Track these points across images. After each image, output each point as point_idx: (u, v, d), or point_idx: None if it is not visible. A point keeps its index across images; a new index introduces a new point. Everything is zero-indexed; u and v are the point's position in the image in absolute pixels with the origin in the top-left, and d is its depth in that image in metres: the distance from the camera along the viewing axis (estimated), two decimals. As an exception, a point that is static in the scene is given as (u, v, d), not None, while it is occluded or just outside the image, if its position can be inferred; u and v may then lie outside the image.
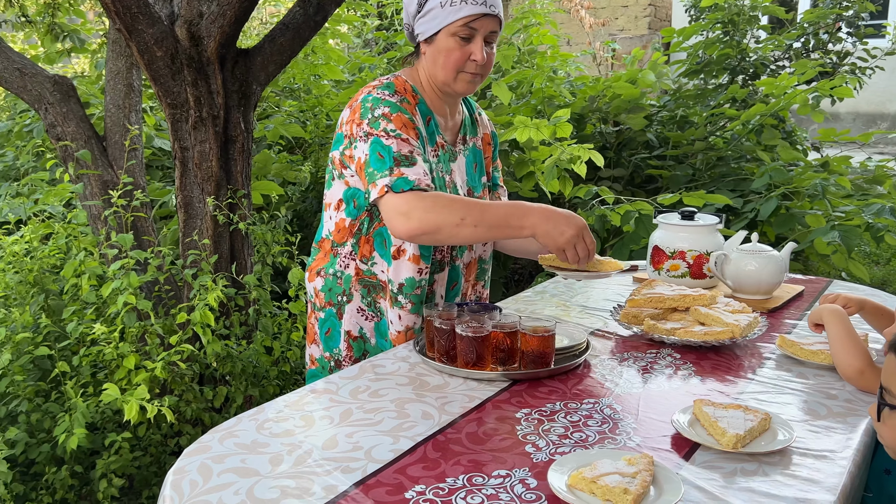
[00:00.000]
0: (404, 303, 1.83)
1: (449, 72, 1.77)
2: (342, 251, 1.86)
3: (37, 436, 2.18)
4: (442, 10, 1.72)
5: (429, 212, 1.64)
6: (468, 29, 1.73)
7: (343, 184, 1.82)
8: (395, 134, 1.70)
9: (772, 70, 5.30)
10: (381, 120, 1.71)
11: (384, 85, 1.79)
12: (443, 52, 1.75)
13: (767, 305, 2.03)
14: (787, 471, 1.20)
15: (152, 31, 2.43)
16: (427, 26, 1.76)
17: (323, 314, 1.90)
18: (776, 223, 3.59)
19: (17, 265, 2.51)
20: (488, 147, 2.05)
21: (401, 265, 1.80)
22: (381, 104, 1.73)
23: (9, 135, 4.74)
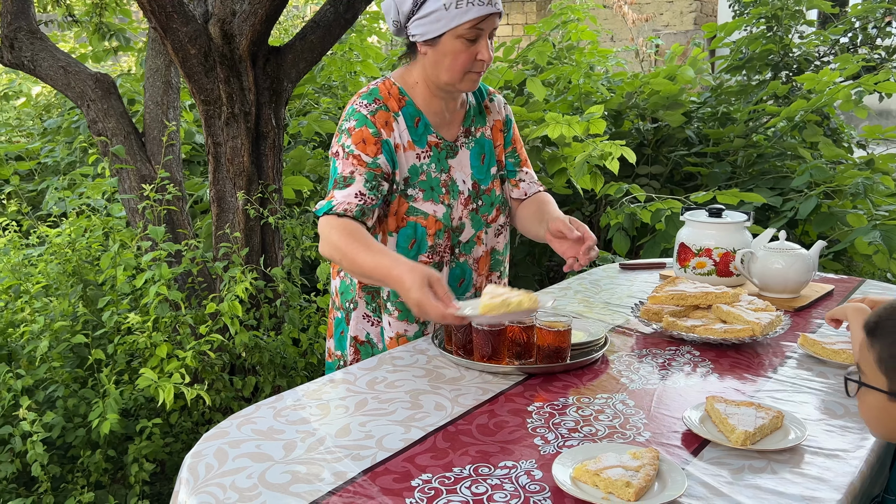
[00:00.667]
0: (392, 310, 1.84)
1: (456, 74, 1.73)
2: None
3: (73, 420, 2.26)
4: (447, 13, 1.66)
5: (324, 242, 1.71)
6: (475, 30, 1.69)
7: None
8: (348, 151, 1.73)
9: (816, 66, 5.17)
10: (343, 135, 1.75)
11: (368, 92, 1.79)
12: (449, 54, 1.71)
13: (794, 304, 1.99)
14: (797, 469, 1.19)
15: (186, 30, 2.50)
16: (428, 28, 1.69)
17: (340, 314, 1.93)
18: (816, 222, 3.51)
19: (60, 256, 2.60)
20: (500, 134, 1.96)
21: None
22: (352, 117, 1.76)
23: (58, 131, 4.91)
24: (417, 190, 1.79)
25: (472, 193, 1.87)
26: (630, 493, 1.07)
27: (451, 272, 1.87)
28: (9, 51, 3.00)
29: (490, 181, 1.92)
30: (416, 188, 1.79)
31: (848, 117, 6.87)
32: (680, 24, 11.66)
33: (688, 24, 11.69)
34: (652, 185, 4.20)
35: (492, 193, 1.91)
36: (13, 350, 2.37)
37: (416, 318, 1.79)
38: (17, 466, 2.16)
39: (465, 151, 1.89)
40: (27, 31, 2.99)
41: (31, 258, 2.71)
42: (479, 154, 1.91)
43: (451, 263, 1.87)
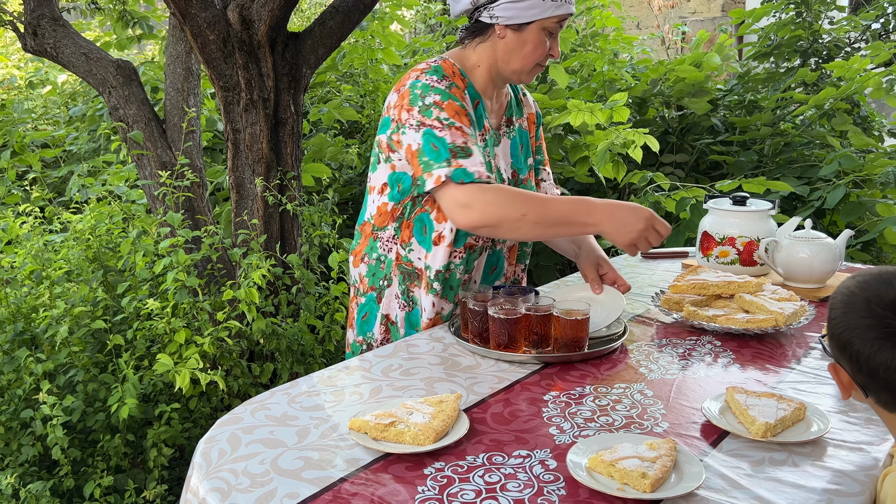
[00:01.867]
0: (438, 289, 1.82)
1: (528, 63, 1.76)
2: (383, 235, 1.85)
3: (93, 405, 2.28)
4: (542, 3, 1.69)
5: (490, 205, 1.63)
6: (557, 26, 1.74)
7: (389, 167, 1.80)
8: (449, 123, 1.68)
9: (846, 53, 5.06)
10: (433, 108, 1.68)
11: (432, 69, 1.75)
12: (530, 43, 1.73)
13: (819, 294, 1.95)
14: (819, 462, 1.16)
15: (205, 15, 2.49)
16: (519, 13, 1.70)
17: (364, 299, 1.90)
18: (844, 211, 3.44)
19: (81, 243, 2.62)
20: (533, 126, 2.02)
21: (439, 251, 1.79)
22: (430, 91, 1.70)
23: (83, 119, 4.95)
24: None
25: (511, 182, 1.90)
26: (646, 485, 1.05)
27: (487, 258, 1.89)
28: (32, 38, 3.01)
29: (527, 171, 1.95)
30: None
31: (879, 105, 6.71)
32: (707, 11, 11.48)
33: (715, 11, 11.50)
34: (676, 173, 4.14)
35: (528, 184, 1.94)
36: (35, 335, 2.39)
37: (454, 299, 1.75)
38: (39, 450, 2.18)
39: (507, 141, 1.91)
40: (50, 19, 3.01)
41: (54, 244, 2.73)
42: (517, 144, 1.94)
43: (489, 250, 1.89)
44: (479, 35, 1.78)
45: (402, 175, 1.78)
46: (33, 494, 2.04)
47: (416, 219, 1.80)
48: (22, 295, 2.50)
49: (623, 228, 1.62)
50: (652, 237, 1.63)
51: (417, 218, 1.80)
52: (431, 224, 1.79)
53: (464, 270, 1.84)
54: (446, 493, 1.08)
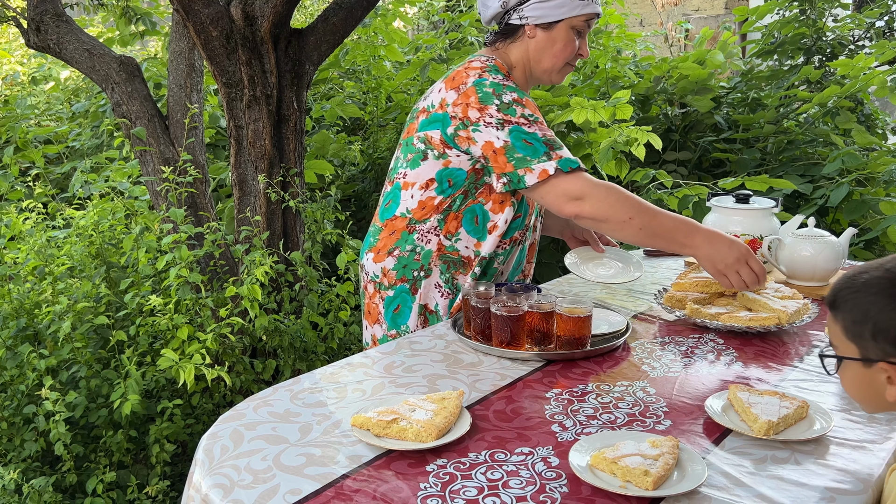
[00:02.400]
0: (477, 273, 1.87)
1: (559, 62, 1.82)
2: (422, 227, 1.84)
3: (96, 400, 2.29)
4: (571, 2, 1.76)
5: (602, 200, 1.67)
6: (586, 25, 1.80)
7: (441, 164, 1.80)
8: (533, 119, 1.72)
9: (850, 50, 5.05)
10: (515, 106, 1.72)
11: (491, 68, 1.79)
12: (560, 41, 1.79)
13: (822, 292, 1.94)
14: (821, 460, 1.16)
15: (208, 12, 2.49)
16: (548, 12, 1.77)
17: (392, 292, 1.88)
18: (847, 210, 3.43)
19: (84, 239, 2.62)
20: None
21: (491, 239, 1.84)
22: (504, 89, 1.74)
23: (85, 115, 4.95)
24: None
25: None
26: (648, 482, 1.05)
27: (519, 254, 1.94)
28: (35, 34, 3.01)
29: None
30: None
31: (882, 103, 6.70)
32: (710, 8, 11.46)
33: (718, 9, 11.48)
34: (679, 171, 4.14)
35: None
36: (38, 330, 2.40)
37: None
38: (42, 445, 2.19)
39: None
40: (53, 14, 3.01)
41: (57, 240, 2.74)
42: None
43: (521, 245, 1.94)
44: (510, 37, 1.85)
45: (456, 171, 1.80)
46: (36, 490, 2.04)
47: (467, 210, 1.83)
48: (25, 291, 2.50)
49: (718, 256, 1.67)
50: (744, 272, 1.66)
51: (469, 209, 1.83)
52: (486, 214, 1.83)
53: (502, 261, 1.89)
54: (448, 489, 1.08)
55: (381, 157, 4.15)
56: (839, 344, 1.11)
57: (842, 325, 1.08)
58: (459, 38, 5.14)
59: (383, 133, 4.40)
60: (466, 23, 5.08)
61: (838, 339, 1.11)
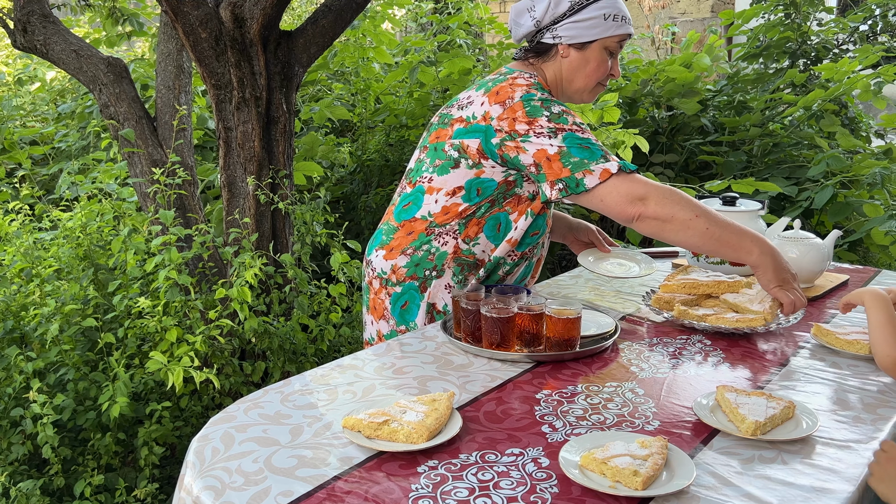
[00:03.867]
0: (482, 275, 1.89)
1: (591, 81, 1.84)
2: (442, 230, 1.86)
3: (84, 403, 2.27)
4: (604, 23, 1.78)
5: (667, 199, 1.65)
6: (619, 46, 1.82)
7: (472, 173, 1.81)
8: (586, 126, 1.75)
9: (835, 54, 5.10)
10: (566, 115, 1.74)
11: (536, 84, 1.80)
12: (593, 61, 1.82)
13: (808, 294, 1.97)
14: (808, 459, 1.17)
15: (197, 13, 2.49)
16: (582, 32, 1.79)
17: (399, 288, 1.89)
18: (832, 212, 3.47)
19: (71, 240, 2.61)
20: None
21: (503, 245, 1.87)
22: (552, 103, 1.76)
23: (72, 116, 4.92)
24: None
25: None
26: (638, 482, 1.06)
27: (525, 268, 1.95)
28: (21, 34, 3.00)
29: None
30: None
31: (866, 106, 6.77)
32: (697, 12, 11.53)
33: (705, 12, 11.55)
34: (666, 173, 4.17)
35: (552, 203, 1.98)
36: (25, 333, 2.38)
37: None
38: (29, 448, 2.18)
39: None
40: (40, 15, 2.99)
41: (44, 242, 2.72)
42: None
43: (530, 259, 1.96)
44: (543, 55, 1.87)
45: (487, 181, 1.82)
46: (24, 493, 2.03)
47: (491, 217, 1.85)
48: (11, 293, 2.48)
49: (778, 268, 1.65)
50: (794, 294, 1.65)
51: (493, 216, 1.85)
52: (509, 224, 1.85)
53: (507, 271, 1.91)
54: (440, 490, 1.09)
55: (370, 158, 4.15)
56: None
57: None
58: (448, 41, 5.15)
59: (372, 135, 4.40)
60: (455, 25, 5.09)
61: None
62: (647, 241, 3.81)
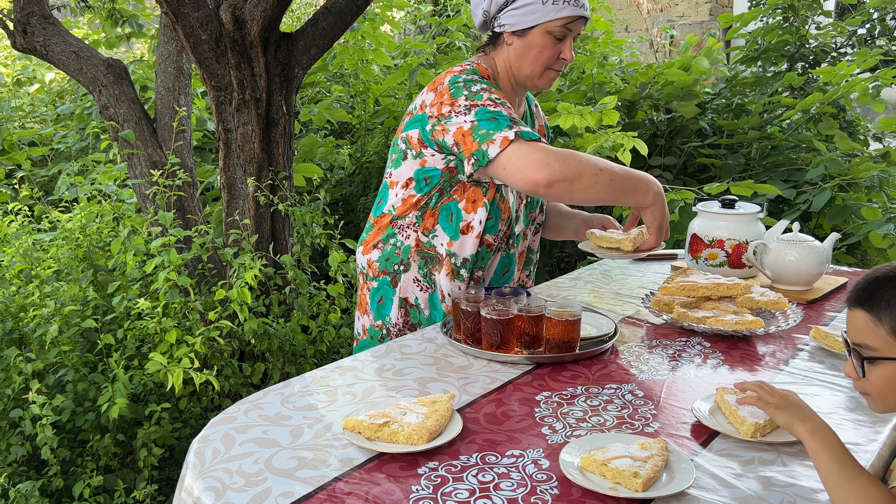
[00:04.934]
0: (465, 276, 1.87)
1: (537, 67, 1.81)
2: (403, 223, 1.89)
3: (83, 404, 2.27)
4: (542, 7, 1.74)
5: (569, 158, 1.66)
6: (564, 29, 1.77)
7: (418, 163, 1.85)
8: (501, 102, 1.74)
9: (833, 57, 5.11)
10: (483, 92, 1.75)
11: (470, 70, 1.82)
12: (535, 47, 1.78)
13: (807, 297, 1.97)
14: (807, 461, 1.17)
15: (197, 15, 2.49)
16: (522, 19, 1.77)
17: (376, 283, 1.93)
18: (830, 215, 3.48)
19: (71, 242, 2.61)
20: (544, 138, 2.06)
21: (468, 240, 1.84)
22: (474, 82, 1.77)
23: (71, 117, 4.92)
24: None
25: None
26: (638, 484, 1.06)
27: (500, 261, 1.93)
28: (21, 36, 3.00)
29: None
30: None
31: (864, 109, 6.78)
32: (695, 15, 11.56)
33: (703, 15, 11.58)
34: (665, 176, 4.17)
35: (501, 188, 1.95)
36: (24, 334, 2.38)
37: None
38: (28, 449, 2.18)
39: None
40: (40, 17, 2.99)
41: (43, 243, 2.72)
42: None
43: (503, 252, 1.93)
44: (494, 46, 1.87)
45: (432, 170, 1.84)
46: (23, 494, 2.03)
47: (443, 207, 1.85)
48: (11, 294, 2.48)
49: (664, 211, 1.76)
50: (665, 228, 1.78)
51: (444, 207, 1.85)
52: (460, 213, 1.84)
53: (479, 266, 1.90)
54: (440, 492, 1.09)
55: (369, 160, 4.16)
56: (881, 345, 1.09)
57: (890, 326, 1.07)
58: (447, 43, 5.16)
59: (371, 137, 4.41)
60: (454, 27, 5.10)
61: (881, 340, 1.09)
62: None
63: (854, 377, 1.14)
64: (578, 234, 2.07)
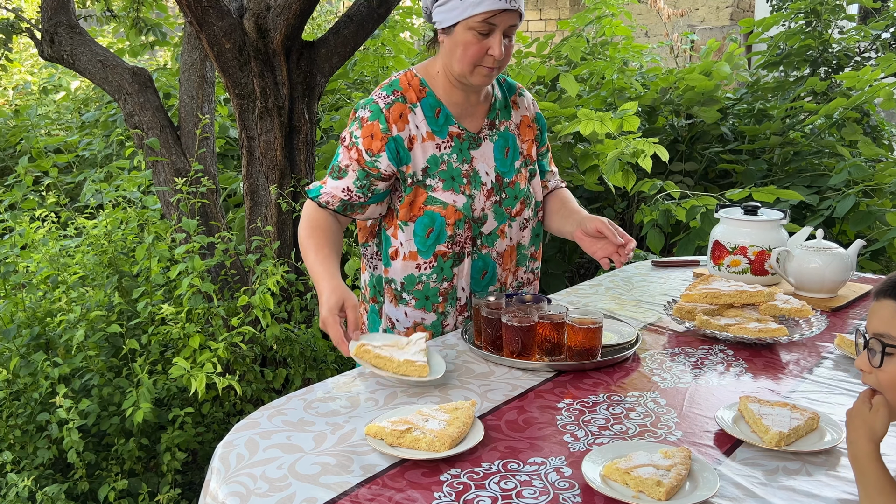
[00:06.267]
0: (408, 299, 1.85)
1: (465, 65, 1.73)
2: (366, 252, 1.95)
3: (108, 408, 2.30)
4: (461, 3, 1.66)
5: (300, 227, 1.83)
6: (487, 25, 1.67)
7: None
8: (353, 142, 1.77)
9: (856, 62, 5.06)
10: (356, 123, 1.79)
11: (388, 84, 1.83)
12: (460, 45, 1.71)
13: (831, 304, 1.96)
14: (833, 472, 1.17)
15: (221, 24, 2.52)
16: (445, 16, 1.70)
17: (370, 306, 1.97)
18: (853, 221, 3.44)
19: (96, 248, 2.65)
20: (528, 129, 1.96)
21: (397, 265, 1.84)
22: (368, 107, 1.78)
23: (95, 124, 4.99)
24: (437, 180, 1.79)
25: (496, 185, 1.86)
26: (661, 493, 1.06)
27: (472, 264, 1.87)
28: (49, 45, 3.05)
29: (514, 174, 1.90)
30: (436, 178, 1.79)
31: (889, 115, 6.71)
32: (716, 20, 11.49)
33: (724, 20, 11.51)
34: (686, 182, 4.15)
35: (515, 186, 1.89)
36: (51, 339, 2.42)
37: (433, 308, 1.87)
38: (54, 453, 2.21)
39: (489, 143, 1.88)
40: (67, 26, 3.04)
41: (69, 249, 2.76)
42: (502, 147, 1.89)
43: (473, 255, 1.87)
44: (435, 44, 1.83)
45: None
46: (49, 497, 2.06)
47: (383, 237, 1.87)
48: (38, 299, 2.52)
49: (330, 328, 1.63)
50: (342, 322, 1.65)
51: (381, 234, 1.88)
52: (389, 240, 1.84)
53: (438, 279, 1.84)
54: (462, 498, 1.10)
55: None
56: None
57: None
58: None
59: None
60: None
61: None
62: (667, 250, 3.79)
63: (867, 370, 1.11)
64: (574, 235, 1.91)
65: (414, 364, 1.48)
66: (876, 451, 1.05)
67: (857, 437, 1.07)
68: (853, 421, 1.08)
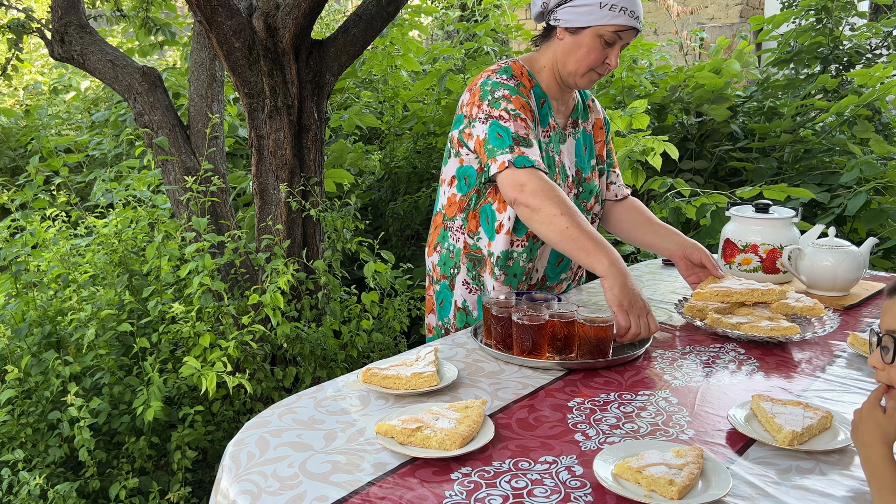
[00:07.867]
0: (498, 274, 1.93)
1: (582, 67, 1.85)
2: (452, 225, 1.98)
3: (118, 407, 2.31)
4: (599, 10, 1.78)
5: (540, 192, 1.72)
6: (615, 36, 1.81)
7: (458, 161, 1.95)
8: (514, 114, 1.81)
9: (868, 59, 5.02)
10: (502, 101, 1.82)
11: (502, 69, 1.90)
12: (584, 47, 1.83)
13: (843, 302, 1.94)
14: (846, 471, 1.16)
15: (231, 23, 2.52)
16: (576, 17, 1.81)
17: (438, 286, 2.03)
18: (865, 218, 3.42)
19: (107, 247, 2.66)
20: (601, 132, 2.12)
21: (500, 239, 1.90)
22: (500, 87, 1.85)
23: (105, 124, 5.01)
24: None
25: (575, 180, 2.01)
26: (673, 492, 1.06)
27: (552, 249, 1.97)
28: (59, 45, 3.06)
29: (590, 171, 2.06)
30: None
31: (900, 112, 6.65)
32: (725, 17, 11.44)
33: (733, 17, 11.46)
34: (696, 180, 4.13)
35: (591, 182, 2.06)
36: (62, 337, 2.43)
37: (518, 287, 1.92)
38: (66, 451, 2.21)
39: (572, 140, 2.03)
40: (77, 26, 3.05)
41: (79, 248, 2.77)
42: (582, 145, 2.05)
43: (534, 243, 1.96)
44: (546, 38, 1.93)
45: (469, 168, 1.93)
46: (61, 495, 2.07)
47: (482, 209, 1.93)
48: (49, 298, 2.53)
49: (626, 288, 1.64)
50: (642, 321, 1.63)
51: (482, 209, 1.93)
52: (494, 214, 1.90)
53: (527, 259, 1.94)
54: (473, 497, 1.09)
55: (398, 166, 4.18)
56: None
57: None
58: (475, 48, 5.16)
59: (400, 142, 4.43)
60: (482, 32, 5.10)
61: None
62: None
63: (879, 367, 1.10)
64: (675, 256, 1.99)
65: (422, 376, 1.47)
66: (889, 453, 1.04)
67: (870, 440, 1.06)
68: (865, 423, 1.07)
